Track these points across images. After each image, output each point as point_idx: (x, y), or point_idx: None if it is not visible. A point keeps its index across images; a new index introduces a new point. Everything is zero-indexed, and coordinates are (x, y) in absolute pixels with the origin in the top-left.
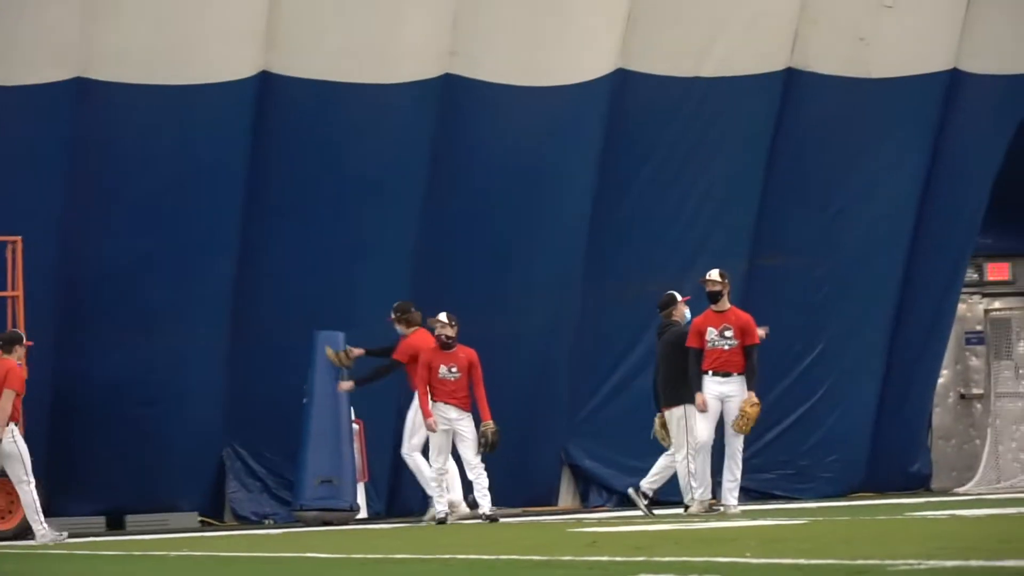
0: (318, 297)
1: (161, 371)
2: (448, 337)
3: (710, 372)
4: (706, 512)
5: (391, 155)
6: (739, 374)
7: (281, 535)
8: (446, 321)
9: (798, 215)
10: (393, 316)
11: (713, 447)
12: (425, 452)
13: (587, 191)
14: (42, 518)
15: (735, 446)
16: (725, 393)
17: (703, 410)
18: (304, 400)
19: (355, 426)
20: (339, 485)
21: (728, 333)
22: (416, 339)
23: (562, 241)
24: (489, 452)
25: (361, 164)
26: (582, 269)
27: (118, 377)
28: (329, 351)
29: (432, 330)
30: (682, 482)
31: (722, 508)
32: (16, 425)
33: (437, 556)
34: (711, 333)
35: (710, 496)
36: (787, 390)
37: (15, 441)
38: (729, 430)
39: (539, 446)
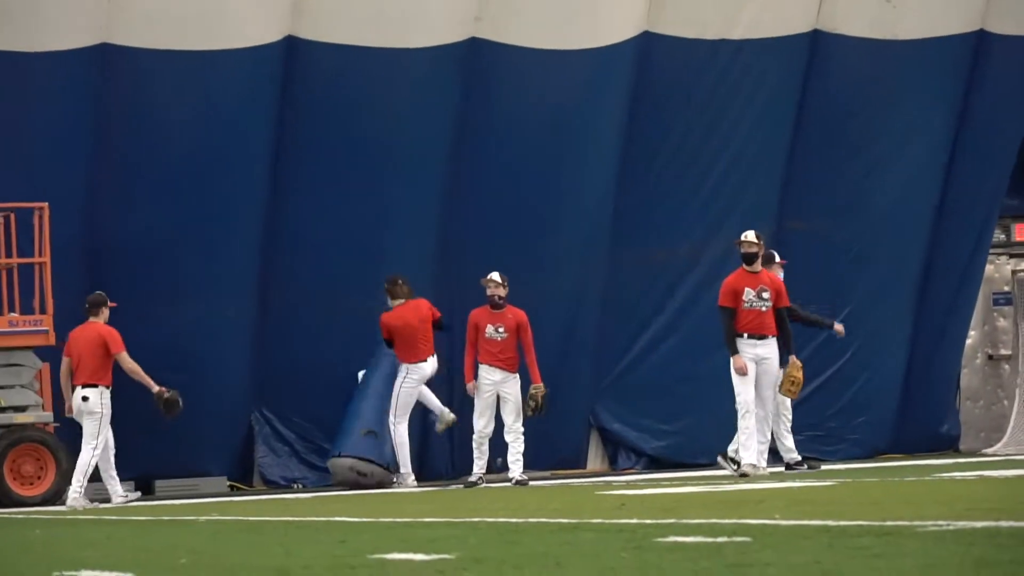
0: (344, 266)
1: (189, 339)
2: (500, 297)
3: (745, 335)
4: (754, 475)
5: (417, 121)
6: (772, 336)
7: (310, 499)
8: (499, 281)
9: (825, 178)
10: (385, 288)
11: None
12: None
13: (614, 155)
14: (84, 483)
15: (774, 408)
16: (761, 356)
17: (744, 373)
18: (362, 373)
19: None
20: (381, 442)
21: (765, 294)
22: (389, 316)
23: (589, 206)
24: (539, 415)
25: (387, 130)
26: (609, 234)
27: (146, 345)
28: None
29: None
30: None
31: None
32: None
33: (466, 519)
34: (748, 294)
35: (756, 461)
36: (815, 352)
37: (102, 401)
38: (767, 392)
39: (567, 410)
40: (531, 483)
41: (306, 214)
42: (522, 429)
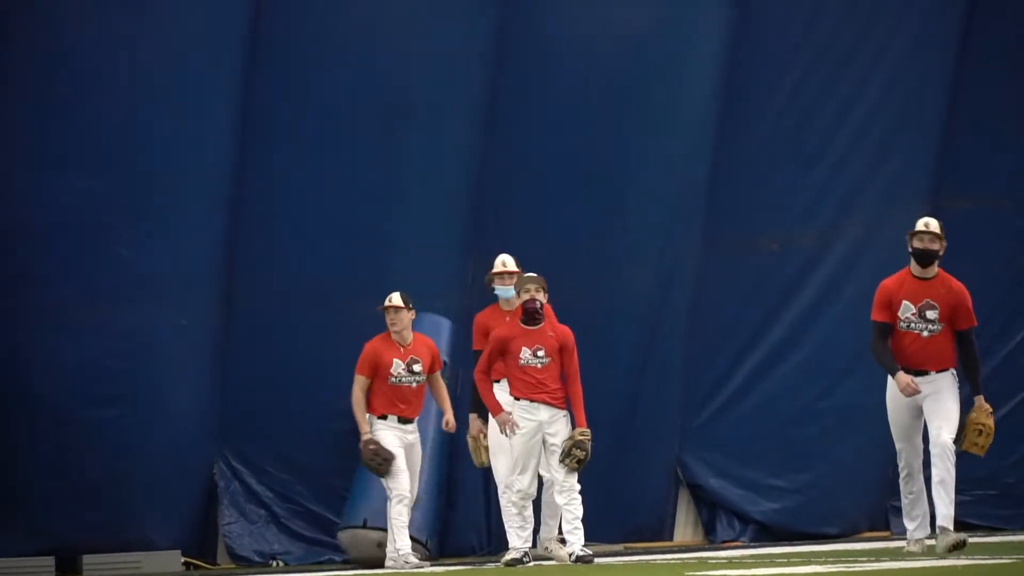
0: (340, 256)
1: (127, 358)
2: (540, 305)
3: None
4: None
5: (438, 64)
6: (939, 372)
7: None
8: (537, 281)
9: (999, 141)
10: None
11: None
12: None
13: (707, 114)
14: None
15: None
16: (919, 395)
17: (913, 391)
18: None
19: None
20: (424, 509)
21: (932, 314)
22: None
23: (673, 180)
24: (574, 471)
25: (398, 76)
26: (701, 218)
27: (68, 366)
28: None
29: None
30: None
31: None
32: None
33: None
34: (906, 309)
35: (926, 531)
36: (988, 379)
37: None
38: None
39: (646, 459)
40: (596, 560)
41: (287, 186)
42: (579, 487)
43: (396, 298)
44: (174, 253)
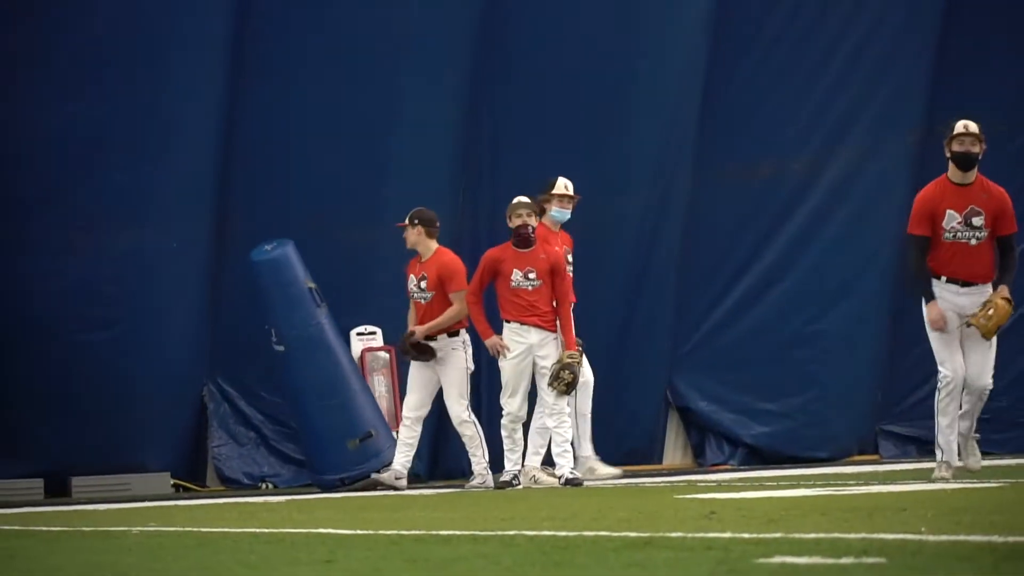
0: (330, 186)
1: (118, 283)
2: (532, 229)
3: (944, 278)
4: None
5: None
6: (985, 284)
7: (284, 504)
8: (529, 206)
9: (992, 65)
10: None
11: None
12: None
13: (699, 42)
14: None
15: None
16: (966, 307)
17: (939, 328)
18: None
19: (384, 354)
20: (378, 437)
21: (978, 220)
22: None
23: (666, 107)
24: (563, 394)
25: (396, 6)
26: (693, 146)
27: (59, 291)
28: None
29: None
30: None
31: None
32: None
33: (496, 532)
34: (951, 219)
35: (955, 459)
36: None
37: None
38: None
39: (637, 383)
40: (587, 483)
41: (280, 112)
42: (568, 409)
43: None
44: (168, 178)
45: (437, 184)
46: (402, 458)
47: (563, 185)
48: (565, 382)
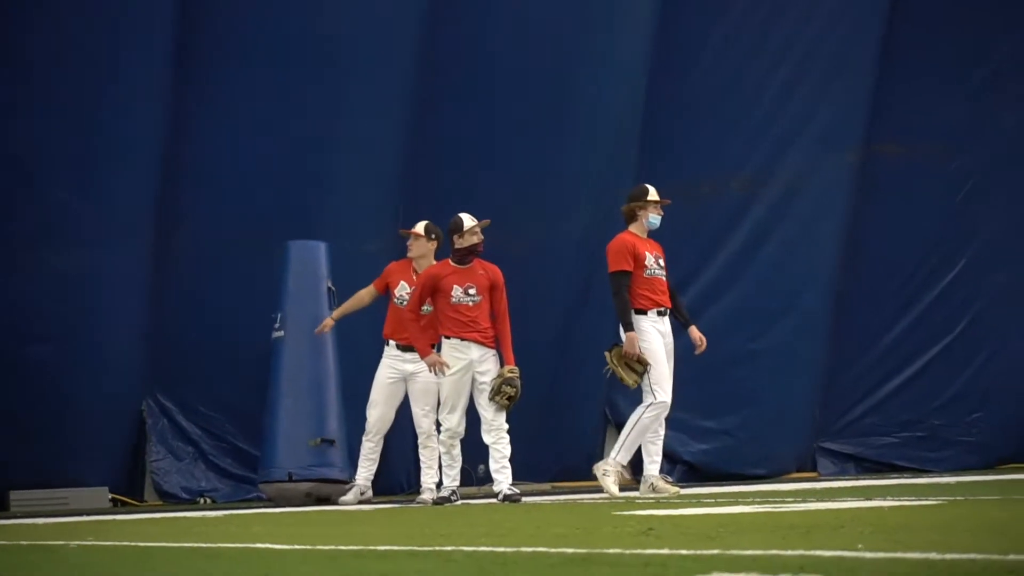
0: (273, 196)
1: (56, 297)
2: (474, 247)
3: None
4: None
5: (375, 6)
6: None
7: (222, 518)
8: (483, 224)
9: (931, 88)
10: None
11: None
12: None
13: (641, 57)
14: None
15: None
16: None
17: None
18: (276, 329)
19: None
20: (338, 450)
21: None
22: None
23: (606, 125)
24: (504, 408)
25: (333, 15)
26: (635, 163)
27: (3, 305)
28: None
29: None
30: None
31: None
32: None
33: (435, 548)
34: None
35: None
36: (913, 325)
37: None
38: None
39: (575, 400)
40: (524, 499)
41: (221, 126)
42: (507, 426)
43: (419, 227)
44: (109, 196)
45: (377, 200)
46: (365, 472)
47: (655, 191)
48: (507, 395)
